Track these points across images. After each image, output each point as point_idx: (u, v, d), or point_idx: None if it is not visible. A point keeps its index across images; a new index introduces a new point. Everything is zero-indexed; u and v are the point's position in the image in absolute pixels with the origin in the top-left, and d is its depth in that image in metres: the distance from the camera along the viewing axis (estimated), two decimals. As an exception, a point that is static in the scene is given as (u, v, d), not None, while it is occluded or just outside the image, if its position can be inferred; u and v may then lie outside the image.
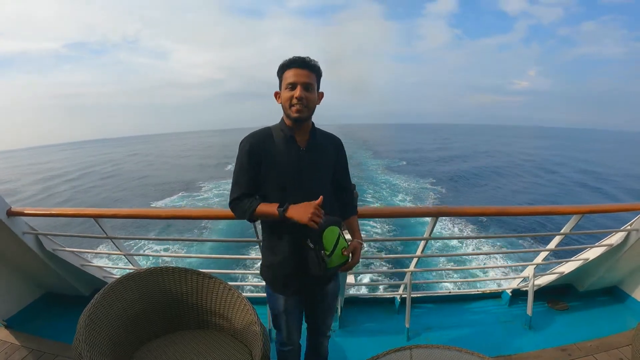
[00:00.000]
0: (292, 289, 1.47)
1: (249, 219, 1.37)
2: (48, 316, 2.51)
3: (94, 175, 39.25)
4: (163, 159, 58.07)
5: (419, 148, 60.31)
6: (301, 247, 1.31)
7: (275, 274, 1.47)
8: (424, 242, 2.34)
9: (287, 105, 1.33)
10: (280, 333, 1.61)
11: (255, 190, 1.39)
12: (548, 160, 43.95)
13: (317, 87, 1.36)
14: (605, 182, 27.67)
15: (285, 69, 1.33)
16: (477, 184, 27.55)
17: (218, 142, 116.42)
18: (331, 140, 1.51)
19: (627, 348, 2.17)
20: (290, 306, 1.50)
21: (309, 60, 1.31)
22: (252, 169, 1.36)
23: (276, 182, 1.36)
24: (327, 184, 1.47)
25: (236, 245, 11.89)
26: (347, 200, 1.58)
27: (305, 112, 1.32)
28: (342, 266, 1.33)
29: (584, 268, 2.56)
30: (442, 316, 2.61)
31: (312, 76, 1.32)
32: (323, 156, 1.44)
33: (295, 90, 1.29)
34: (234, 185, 1.40)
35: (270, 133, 1.40)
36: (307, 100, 1.31)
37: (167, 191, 27.48)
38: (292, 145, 1.37)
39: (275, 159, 1.35)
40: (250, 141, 1.36)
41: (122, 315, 1.47)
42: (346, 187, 1.57)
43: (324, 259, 1.25)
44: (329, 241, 1.26)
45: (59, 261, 2.34)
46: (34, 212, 2.11)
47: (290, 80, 1.30)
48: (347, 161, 1.57)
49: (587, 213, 2.19)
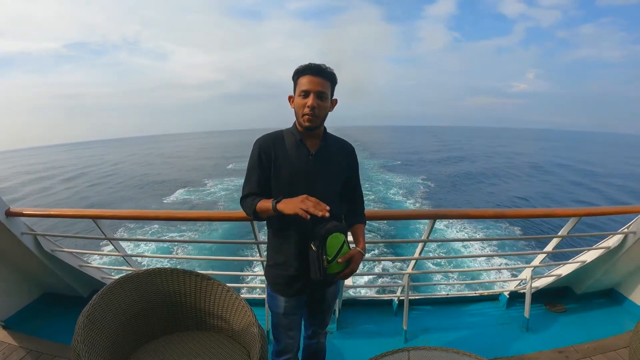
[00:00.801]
0: (293, 290, 1.47)
1: (253, 216, 1.39)
2: (46, 317, 2.51)
3: (91, 176, 39.25)
4: (162, 159, 58.32)
5: (416, 150, 60.57)
6: (305, 249, 1.32)
7: (277, 274, 1.47)
8: (421, 244, 2.35)
9: (299, 113, 1.33)
10: (277, 343, 1.59)
11: (265, 190, 1.40)
12: (546, 162, 44.12)
13: (332, 94, 1.37)
14: (603, 185, 27.74)
15: (300, 75, 1.33)
16: (475, 185, 27.64)
17: (218, 142, 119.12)
18: (343, 146, 1.50)
19: (625, 350, 2.18)
20: (290, 308, 1.50)
21: (324, 68, 1.31)
22: (262, 169, 1.38)
23: (284, 185, 1.37)
24: (335, 190, 1.46)
25: (235, 247, 11.88)
26: (356, 208, 1.57)
27: (316, 121, 1.33)
28: (339, 274, 1.33)
29: (582, 270, 2.57)
30: (440, 318, 2.62)
31: (326, 84, 1.32)
32: (333, 162, 1.44)
33: (309, 99, 1.30)
34: (244, 184, 1.42)
35: (282, 136, 1.42)
36: (319, 109, 1.31)
37: (171, 189, 27.90)
38: (302, 150, 1.38)
39: (284, 162, 1.36)
40: (260, 142, 1.39)
41: (120, 316, 1.47)
42: (356, 194, 1.56)
43: (324, 264, 1.26)
44: (332, 247, 1.27)
45: (58, 262, 2.34)
46: (33, 212, 2.11)
47: (304, 87, 1.30)
48: (358, 169, 1.56)
49: (584, 216, 2.20)
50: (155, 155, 68.55)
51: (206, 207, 19.98)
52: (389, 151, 59.67)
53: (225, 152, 65.75)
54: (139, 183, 32.02)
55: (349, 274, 1.35)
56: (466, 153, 54.96)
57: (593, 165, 40.44)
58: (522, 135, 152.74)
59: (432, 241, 2.30)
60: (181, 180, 32.21)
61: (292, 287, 1.46)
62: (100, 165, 50.25)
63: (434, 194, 24.38)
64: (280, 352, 1.61)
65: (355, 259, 1.35)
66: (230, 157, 53.58)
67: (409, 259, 2.48)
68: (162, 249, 12.47)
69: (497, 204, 22.14)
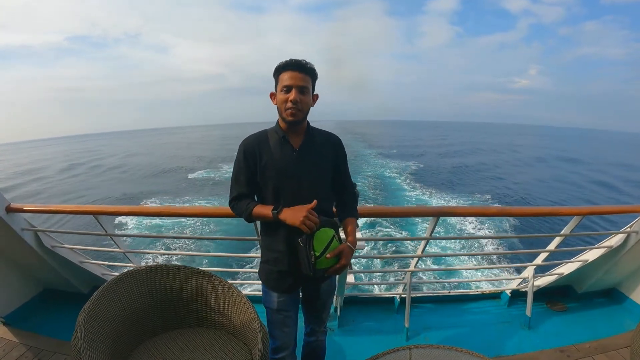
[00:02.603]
0: (285, 287, 1.48)
1: (247, 219, 1.42)
2: (47, 313, 2.51)
3: (93, 170, 39.18)
4: (161, 152, 58.49)
5: (416, 144, 60.86)
6: (295, 245, 1.32)
7: (270, 270, 1.49)
8: (424, 242, 2.34)
9: (282, 108, 1.35)
10: (273, 340, 1.58)
11: (254, 190, 1.44)
12: (547, 160, 43.97)
13: (312, 89, 1.39)
14: (606, 184, 27.64)
15: (281, 71, 1.34)
16: (474, 182, 27.63)
17: (218, 134, 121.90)
18: (328, 139, 1.50)
19: (626, 350, 2.18)
20: (283, 304, 1.50)
21: (304, 63, 1.33)
22: (249, 170, 1.39)
23: (271, 184, 1.38)
24: (324, 184, 1.47)
25: (237, 243, 11.86)
26: (346, 200, 1.57)
27: (299, 115, 1.34)
28: (329, 269, 1.33)
29: (584, 269, 2.56)
30: (442, 316, 2.62)
31: (307, 79, 1.34)
32: (319, 156, 1.44)
33: (291, 94, 1.31)
34: (232, 186, 1.45)
35: (265, 135, 1.43)
36: (302, 103, 1.33)
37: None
38: (285, 147, 1.40)
39: (269, 161, 1.37)
40: (245, 144, 1.41)
41: (121, 312, 1.47)
42: (346, 186, 1.56)
43: (312, 259, 1.26)
44: (320, 242, 1.28)
45: (58, 258, 2.33)
46: (34, 208, 2.11)
47: (286, 83, 1.32)
48: (346, 160, 1.56)
49: (587, 215, 2.19)
50: (156, 147, 68.77)
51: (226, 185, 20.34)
52: (387, 143, 61.51)
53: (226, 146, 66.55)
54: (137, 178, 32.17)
55: (339, 269, 1.36)
56: (465, 147, 55.21)
57: (595, 165, 40.40)
58: (523, 132, 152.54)
59: (435, 239, 2.29)
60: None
61: (284, 283, 1.47)
62: (101, 160, 50.29)
63: (421, 172, 28.46)
64: (277, 349, 1.58)
65: (345, 254, 1.35)
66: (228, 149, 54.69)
67: (411, 256, 2.47)
68: (163, 245, 12.48)
69: (500, 201, 22.20)
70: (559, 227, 2.66)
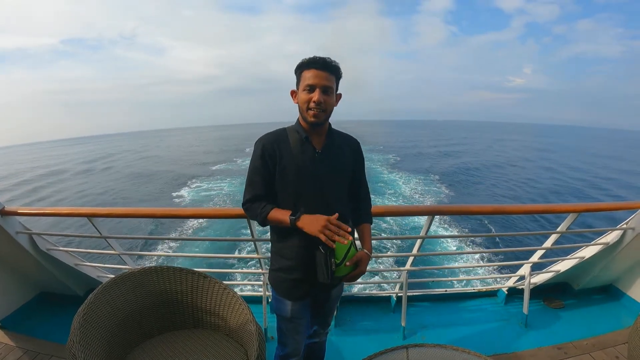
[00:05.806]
0: (299, 294, 1.43)
1: (261, 223, 1.34)
2: (43, 316, 2.50)
3: (86, 173, 39.00)
4: (159, 153, 58.29)
5: (413, 145, 60.95)
6: (311, 252, 1.27)
7: (284, 278, 1.42)
8: (420, 240, 2.34)
9: (304, 108, 1.28)
10: (283, 347, 1.55)
11: (270, 192, 1.35)
12: (543, 157, 44.18)
13: (336, 88, 1.33)
14: (601, 181, 27.80)
15: (305, 69, 1.28)
16: (473, 180, 27.74)
17: (216, 136, 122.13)
18: (349, 142, 1.45)
19: (623, 346, 2.19)
20: (296, 312, 1.45)
21: (330, 62, 1.26)
22: (266, 170, 1.32)
23: (290, 186, 1.32)
24: (343, 189, 1.42)
25: (231, 244, 11.84)
26: (361, 206, 1.52)
27: (322, 116, 1.28)
28: (347, 276, 1.30)
29: (580, 266, 2.57)
30: (438, 315, 2.62)
31: (332, 78, 1.27)
32: (340, 159, 1.39)
33: (314, 94, 1.25)
34: (247, 187, 1.37)
35: (285, 134, 1.36)
36: (326, 104, 1.27)
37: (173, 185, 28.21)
38: (307, 148, 1.33)
39: (289, 162, 1.31)
40: (263, 142, 1.33)
41: (116, 315, 1.46)
42: (362, 191, 1.52)
43: (332, 267, 1.22)
44: (340, 250, 1.23)
45: (53, 261, 2.32)
46: (28, 211, 2.09)
47: (310, 82, 1.25)
48: (364, 164, 1.51)
49: (583, 212, 2.19)
50: (152, 149, 68.48)
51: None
52: (382, 141, 62.55)
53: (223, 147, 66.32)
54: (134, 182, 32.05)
55: (357, 276, 1.31)
56: (460, 147, 55.46)
57: (592, 163, 40.64)
58: (518, 130, 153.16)
59: (430, 237, 2.29)
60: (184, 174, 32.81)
61: (299, 291, 1.42)
62: (95, 163, 50.05)
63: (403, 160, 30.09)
64: (286, 356, 1.57)
65: (363, 261, 1.31)
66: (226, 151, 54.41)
67: (407, 255, 2.47)
68: (158, 247, 12.42)
69: (496, 199, 22.28)
70: (555, 224, 2.66)
